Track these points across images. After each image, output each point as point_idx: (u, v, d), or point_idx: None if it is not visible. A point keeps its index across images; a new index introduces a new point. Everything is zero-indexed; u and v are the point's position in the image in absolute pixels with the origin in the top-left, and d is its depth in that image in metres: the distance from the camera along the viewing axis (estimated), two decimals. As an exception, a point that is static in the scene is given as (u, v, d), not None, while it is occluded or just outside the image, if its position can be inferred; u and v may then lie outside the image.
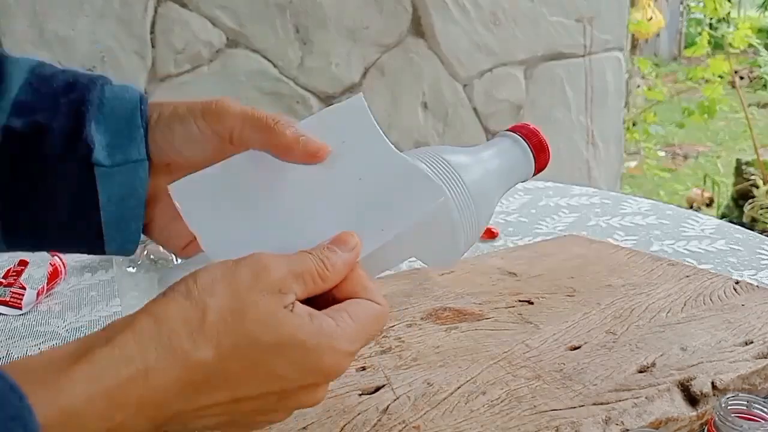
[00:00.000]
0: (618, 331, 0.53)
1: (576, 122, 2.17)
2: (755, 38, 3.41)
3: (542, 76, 2.07)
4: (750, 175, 3.06)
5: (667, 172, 4.06)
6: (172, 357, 0.29)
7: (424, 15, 1.88)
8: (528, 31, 2.00)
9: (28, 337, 0.67)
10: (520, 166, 0.46)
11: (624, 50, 2.21)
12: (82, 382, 0.28)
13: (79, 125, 0.38)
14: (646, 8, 3.64)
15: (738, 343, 0.51)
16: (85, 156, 0.38)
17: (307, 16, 1.75)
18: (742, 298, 0.59)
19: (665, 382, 0.46)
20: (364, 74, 1.85)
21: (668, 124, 4.38)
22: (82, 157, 0.38)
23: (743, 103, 3.26)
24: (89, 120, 0.38)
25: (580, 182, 2.16)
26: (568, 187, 1.09)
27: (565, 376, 0.47)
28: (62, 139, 0.38)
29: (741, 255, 0.77)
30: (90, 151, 0.38)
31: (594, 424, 0.42)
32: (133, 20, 1.62)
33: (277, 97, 1.77)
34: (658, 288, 0.62)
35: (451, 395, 0.45)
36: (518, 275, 0.67)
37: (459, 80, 1.96)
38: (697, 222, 0.89)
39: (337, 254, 0.34)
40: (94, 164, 0.38)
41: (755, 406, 0.39)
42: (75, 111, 0.38)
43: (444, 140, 1.98)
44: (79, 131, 0.38)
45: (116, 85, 0.41)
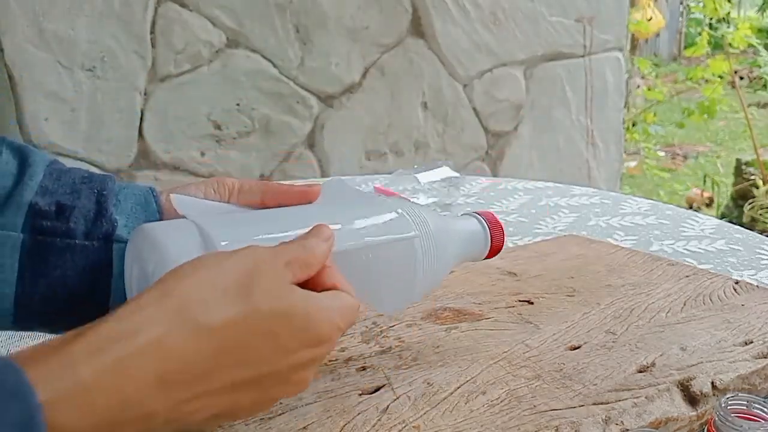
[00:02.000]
0: (618, 331, 0.53)
1: (576, 122, 2.17)
2: (755, 38, 3.41)
3: (542, 76, 2.07)
4: (750, 175, 3.06)
5: (667, 172, 4.06)
6: (183, 326, 0.30)
7: (424, 15, 1.88)
8: (528, 31, 2.01)
9: (28, 337, 0.67)
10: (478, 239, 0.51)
11: (624, 50, 2.21)
12: (85, 354, 0.27)
13: (103, 206, 0.42)
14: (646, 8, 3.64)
15: (738, 343, 0.51)
16: (108, 233, 0.41)
17: (307, 16, 1.75)
18: (741, 298, 0.59)
19: (665, 381, 0.46)
20: (364, 74, 1.85)
21: (668, 124, 4.38)
22: (105, 234, 0.41)
23: (743, 103, 3.26)
24: (110, 203, 0.42)
25: (579, 182, 2.16)
26: (567, 187, 1.09)
27: (564, 375, 0.47)
28: (87, 218, 0.41)
29: (741, 255, 0.77)
30: (114, 228, 0.41)
31: (594, 424, 0.42)
32: (133, 20, 1.62)
33: (277, 97, 1.77)
34: (657, 288, 0.62)
35: (451, 395, 0.45)
36: (518, 275, 0.67)
37: (459, 80, 1.96)
38: (696, 222, 0.89)
39: (317, 242, 0.37)
40: (114, 241, 0.41)
41: (755, 406, 0.39)
42: (97, 194, 0.42)
43: (444, 140, 1.98)
44: (103, 211, 0.42)
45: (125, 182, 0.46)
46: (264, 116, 1.77)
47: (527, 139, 2.10)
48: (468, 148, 2.02)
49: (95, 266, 0.41)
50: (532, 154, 2.12)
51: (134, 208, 0.43)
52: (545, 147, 2.14)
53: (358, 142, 1.89)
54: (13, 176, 0.41)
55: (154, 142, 1.70)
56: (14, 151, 0.42)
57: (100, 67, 1.62)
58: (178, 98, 1.70)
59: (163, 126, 1.71)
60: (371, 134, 1.90)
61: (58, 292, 0.40)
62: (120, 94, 1.64)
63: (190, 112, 1.72)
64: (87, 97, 1.60)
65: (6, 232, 0.39)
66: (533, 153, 2.12)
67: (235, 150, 1.75)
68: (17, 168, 0.41)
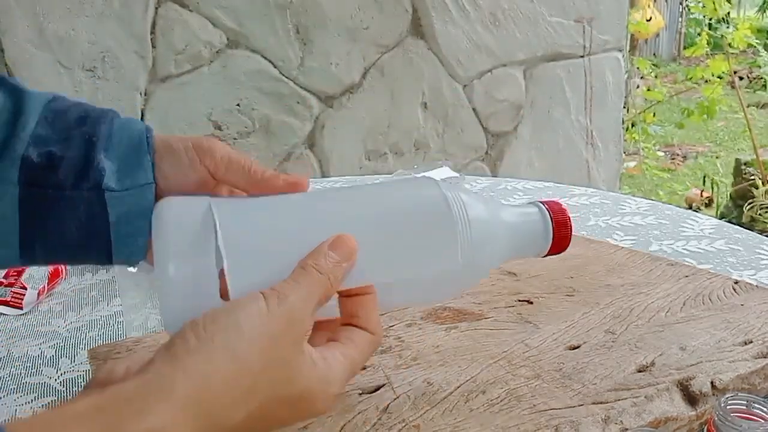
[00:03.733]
0: (617, 331, 0.54)
1: (575, 122, 2.17)
2: (755, 38, 3.41)
3: (542, 76, 2.07)
4: (749, 176, 3.06)
5: (666, 172, 4.06)
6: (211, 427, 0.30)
7: (423, 15, 1.88)
8: (527, 32, 2.01)
9: (28, 337, 0.67)
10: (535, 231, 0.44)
11: (623, 51, 2.21)
12: None
13: (91, 155, 0.42)
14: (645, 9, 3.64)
15: (737, 342, 0.51)
16: (97, 183, 0.41)
17: (308, 16, 1.75)
18: (741, 297, 0.59)
19: (664, 381, 0.46)
20: (364, 74, 1.85)
21: (667, 125, 4.38)
22: (94, 184, 0.41)
23: (742, 103, 3.26)
24: (99, 150, 0.42)
25: (579, 182, 2.16)
26: (567, 187, 1.09)
27: (564, 375, 0.47)
28: (75, 169, 0.41)
29: (740, 255, 0.77)
30: (102, 177, 0.41)
31: (593, 424, 0.42)
32: (134, 20, 1.62)
33: (278, 97, 1.77)
34: (657, 288, 0.62)
35: (451, 394, 0.45)
36: (517, 275, 0.67)
37: (459, 80, 1.96)
38: (696, 222, 0.89)
39: (340, 266, 0.36)
40: (104, 189, 0.41)
41: (755, 405, 0.39)
42: (87, 142, 0.42)
43: (444, 140, 1.98)
44: (91, 160, 0.41)
45: (124, 118, 0.45)
46: (264, 116, 1.77)
47: (527, 140, 2.10)
48: (468, 148, 2.02)
49: (90, 214, 0.42)
50: (531, 154, 2.12)
51: (126, 153, 0.43)
52: (545, 147, 2.14)
53: (358, 142, 1.89)
54: (7, 125, 0.41)
55: (154, 143, 1.70)
56: (9, 93, 0.42)
57: (101, 67, 1.62)
58: (178, 98, 1.70)
59: (163, 126, 1.71)
60: (371, 134, 1.90)
61: (58, 239, 0.42)
62: (120, 94, 1.65)
63: (190, 113, 1.72)
64: (87, 97, 1.60)
65: (4, 186, 0.40)
66: (533, 153, 2.12)
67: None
68: (11, 115, 0.41)
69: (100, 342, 0.65)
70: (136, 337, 0.58)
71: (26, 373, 0.60)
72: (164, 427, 0.28)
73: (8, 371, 0.61)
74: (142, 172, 0.42)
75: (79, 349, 0.64)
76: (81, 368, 0.60)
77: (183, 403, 0.29)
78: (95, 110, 0.44)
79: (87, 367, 0.59)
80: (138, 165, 0.42)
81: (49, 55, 1.57)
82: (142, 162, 0.43)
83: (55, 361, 0.62)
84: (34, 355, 0.63)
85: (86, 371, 0.59)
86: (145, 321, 0.64)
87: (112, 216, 0.42)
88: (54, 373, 0.60)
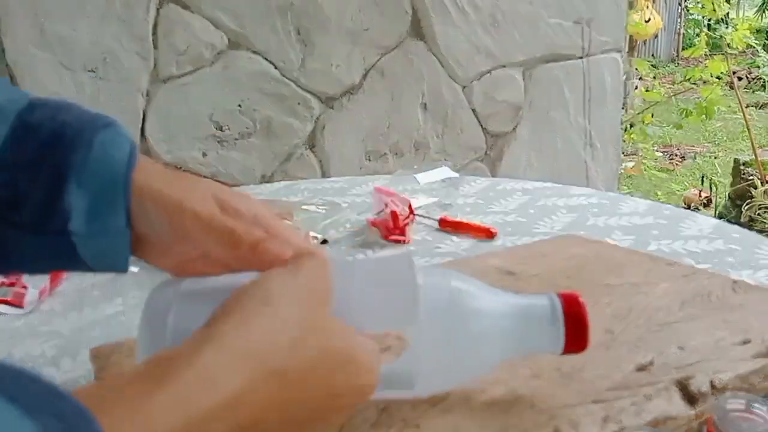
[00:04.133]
0: (616, 330, 0.54)
1: (574, 123, 2.17)
2: (753, 39, 3.42)
3: (541, 77, 2.07)
4: (748, 176, 3.07)
5: (665, 172, 4.06)
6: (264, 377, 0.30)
7: (423, 17, 1.88)
8: (526, 33, 2.01)
9: (30, 337, 0.67)
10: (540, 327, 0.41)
11: (622, 52, 2.22)
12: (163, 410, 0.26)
13: (56, 192, 0.37)
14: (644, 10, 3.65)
15: (736, 342, 0.51)
16: (62, 226, 0.37)
17: (308, 18, 1.76)
18: (740, 297, 0.59)
19: (663, 380, 0.46)
20: (365, 76, 1.86)
21: (666, 125, 4.39)
22: (59, 228, 0.37)
23: (741, 103, 3.27)
24: (70, 182, 0.37)
25: (578, 183, 2.16)
26: (566, 187, 1.09)
27: (563, 374, 0.47)
28: (38, 209, 0.37)
29: (739, 254, 0.78)
30: (67, 220, 0.37)
31: (592, 423, 0.42)
32: (135, 21, 1.62)
33: (279, 98, 1.78)
34: (656, 287, 0.62)
35: (451, 394, 0.46)
36: (517, 275, 0.67)
37: (458, 82, 1.97)
38: (694, 222, 0.89)
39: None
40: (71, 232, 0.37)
41: (754, 405, 0.39)
42: (55, 175, 0.37)
43: (443, 141, 1.98)
44: (55, 199, 0.37)
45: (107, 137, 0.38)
46: (265, 117, 1.78)
47: (526, 140, 2.11)
48: (467, 148, 2.02)
49: (57, 253, 0.38)
50: (530, 154, 2.13)
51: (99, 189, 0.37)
52: (544, 148, 2.14)
53: (358, 142, 1.89)
54: None
55: (156, 143, 1.71)
56: None
57: (102, 68, 1.62)
58: (180, 99, 1.70)
59: (165, 127, 1.71)
60: (371, 135, 1.90)
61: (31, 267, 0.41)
62: (122, 95, 1.65)
63: (191, 113, 1.72)
64: (89, 98, 1.60)
65: None
66: (532, 154, 2.13)
67: (237, 151, 1.76)
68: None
69: (101, 341, 0.65)
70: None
71: (28, 372, 0.60)
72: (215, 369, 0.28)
73: (10, 371, 0.61)
74: (113, 216, 0.37)
75: (80, 348, 0.64)
76: (83, 368, 0.60)
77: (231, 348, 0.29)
78: (73, 126, 0.38)
79: (89, 367, 0.60)
80: (110, 208, 0.37)
81: (51, 56, 1.57)
82: (115, 204, 0.37)
83: (56, 361, 0.62)
84: (36, 354, 0.63)
85: (88, 371, 0.59)
86: (147, 321, 0.64)
87: (83, 256, 0.38)
88: (55, 372, 0.60)
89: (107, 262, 0.39)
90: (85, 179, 0.37)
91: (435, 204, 1.01)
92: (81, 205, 0.37)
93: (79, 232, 0.37)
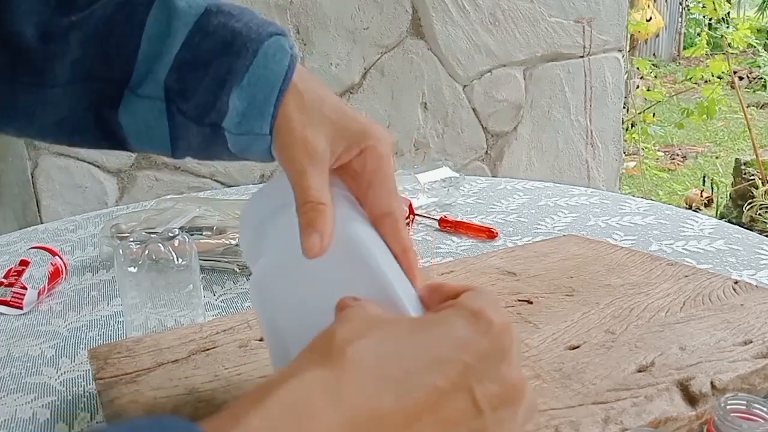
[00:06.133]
0: (617, 331, 0.54)
1: (575, 123, 2.17)
2: (754, 38, 3.42)
3: (541, 76, 2.07)
4: (749, 176, 3.06)
5: (666, 172, 4.06)
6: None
7: (423, 16, 1.88)
8: (527, 32, 2.01)
9: (29, 337, 0.67)
10: None
11: (623, 51, 2.21)
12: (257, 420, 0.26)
13: (219, 92, 0.43)
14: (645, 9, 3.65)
15: (737, 342, 0.51)
16: (217, 121, 0.43)
17: (308, 16, 1.75)
18: (741, 297, 0.59)
19: (664, 381, 0.46)
20: (364, 75, 1.85)
21: (667, 125, 4.39)
22: (214, 121, 0.43)
23: (742, 103, 3.27)
24: (232, 86, 0.43)
25: (579, 182, 2.16)
26: (567, 187, 1.09)
27: (564, 375, 0.47)
28: (201, 104, 0.43)
29: (740, 255, 0.77)
30: (222, 118, 0.43)
31: (593, 424, 0.42)
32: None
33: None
34: (657, 288, 0.62)
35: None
36: (517, 275, 0.67)
37: (459, 81, 1.96)
38: (696, 222, 0.89)
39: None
40: (223, 128, 0.44)
41: (754, 405, 0.39)
42: (220, 78, 0.43)
43: (444, 140, 1.98)
44: (217, 99, 0.43)
45: (272, 47, 0.43)
46: (264, 116, 1.77)
47: (527, 140, 2.10)
48: (468, 148, 2.02)
49: (211, 142, 0.45)
50: (531, 154, 2.12)
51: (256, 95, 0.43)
52: (544, 147, 2.14)
53: (357, 142, 1.89)
54: (158, 40, 0.43)
55: (154, 143, 1.70)
56: (163, 10, 0.43)
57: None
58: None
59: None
60: (371, 134, 1.90)
61: (195, 150, 0.46)
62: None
63: (190, 113, 1.72)
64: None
65: (153, 101, 0.43)
66: (532, 153, 2.13)
67: (235, 150, 1.76)
68: (162, 31, 0.43)
69: (100, 342, 0.65)
70: (137, 337, 0.58)
71: (26, 373, 0.60)
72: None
73: (8, 371, 0.61)
74: (261, 122, 0.43)
75: (79, 349, 0.64)
76: (81, 368, 0.60)
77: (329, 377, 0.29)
78: (242, 34, 0.43)
79: (87, 367, 0.59)
80: (260, 114, 0.43)
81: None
82: (264, 112, 0.43)
83: (55, 361, 0.62)
84: (35, 354, 0.63)
85: (86, 371, 0.59)
86: (146, 321, 0.64)
87: (232, 148, 0.45)
88: (54, 373, 0.60)
89: (251, 155, 0.46)
90: (245, 86, 0.43)
91: (435, 204, 1.00)
92: (237, 108, 0.43)
93: (231, 129, 0.44)
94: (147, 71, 0.43)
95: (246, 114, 0.43)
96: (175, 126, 0.44)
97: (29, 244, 0.89)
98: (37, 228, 1.03)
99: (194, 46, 0.43)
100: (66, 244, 0.93)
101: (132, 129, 0.45)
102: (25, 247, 0.89)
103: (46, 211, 1.57)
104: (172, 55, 0.43)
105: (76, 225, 1.02)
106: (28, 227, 1.05)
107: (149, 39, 0.43)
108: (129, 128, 0.45)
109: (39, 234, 0.99)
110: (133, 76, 0.43)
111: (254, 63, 0.43)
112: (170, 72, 0.43)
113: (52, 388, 0.57)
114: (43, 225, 1.04)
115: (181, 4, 0.43)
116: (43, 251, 0.82)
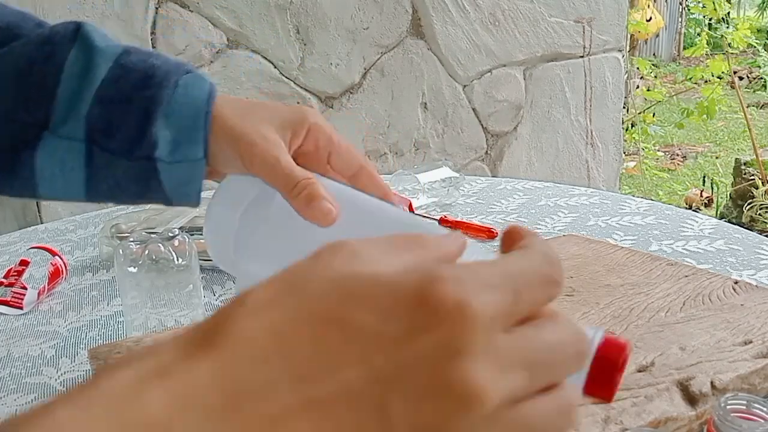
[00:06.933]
0: (617, 331, 0.54)
1: (575, 123, 2.17)
2: (754, 38, 3.42)
3: (541, 76, 2.07)
4: (749, 176, 3.06)
5: (666, 172, 4.06)
6: None
7: (423, 16, 1.88)
8: (527, 32, 2.01)
9: (29, 337, 0.67)
10: None
11: (623, 51, 2.21)
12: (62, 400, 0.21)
13: (146, 124, 0.43)
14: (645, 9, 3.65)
15: (737, 342, 0.51)
16: (149, 153, 0.43)
17: (308, 16, 1.75)
18: (741, 297, 0.59)
19: (664, 381, 0.46)
20: (364, 75, 1.85)
21: (667, 125, 4.39)
22: (146, 154, 0.43)
23: (742, 103, 3.27)
24: (158, 116, 0.43)
25: (579, 182, 2.16)
26: (567, 187, 1.09)
27: (564, 375, 0.47)
28: (129, 138, 0.43)
29: (740, 255, 0.77)
30: (154, 148, 0.43)
31: (593, 423, 0.42)
32: (134, 20, 1.62)
33: (278, 97, 1.77)
34: (656, 288, 0.62)
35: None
36: (518, 275, 0.67)
37: (459, 81, 1.96)
38: (696, 222, 0.89)
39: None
40: (156, 159, 0.43)
41: (754, 405, 0.39)
42: (145, 110, 0.43)
43: (444, 140, 1.98)
44: (145, 130, 0.43)
45: (191, 78, 0.44)
46: (264, 116, 1.77)
47: (527, 140, 2.10)
48: (467, 148, 2.02)
49: (144, 178, 0.44)
50: (531, 154, 2.12)
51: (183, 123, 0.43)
52: (544, 147, 2.14)
53: (358, 142, 1.89)
54: (78, 78, 0.43)
55: (154, 143, 1.71)
56: (82, 48, 0.44)
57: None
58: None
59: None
60: (371, 134, 1.90)
61: (118, 191, 0.45)
62: (120, 94, 1.65)
63: (190, 113, 1.72)
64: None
65: (72, 142, 0.43)
66: (532, 153, 2.13)
67: (235, 150, 1.76)
68: (82, 69, 0.43)
69: (100, 342, 0.65)
70: (137, 337, 0.58)
71: (26, 373, 0.60)
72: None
73: (8, 371, 0.61)
74: (193, 146, 0.43)
75: (79, 348, 0.64)
76: (81, 368, 0.60)
77: None
78: (161, 69, 0.44)
79: (87, 367, 0.59)
80: (191, 139, 0.43)
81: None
82: (195, 137, 0.43)
83: (55, 361, 0.62)
84: (35, 354, 0.63)
85: (86, 371, 0.59)
86: (146, 321, 0.64)
87: (164, 182, 0.44)
88: (54, 372, 0.60)
89: (183, 191, 0.45)
90: (171, 113, 0.43)
91: (435, 204, 1.00)
92: (166, 137, 0.43)
93: (164, 158, 0.43)
94: (68, 110, 0.43)
95: (177, 140, 0.43)
96: (95, 167, 0.44)
97: (29, 244, 0.89)
98: (37, 228, 1.03)
99: (116, 81, 0.43)
100: (66, 244, 0.93)
101: (47, 173, 0.44)
102: (25, 247, 0.89)
103: (46, 211, 1.57)
104: (93, 92, 0.43)
105: (76, 225, 1.02)
106: (28, 227, 1.05)
107: (70, 77, 0.43)
108: (43, 171, 0.44)
109: (39, 234, 0.99)
110: (54, 115, 0.43)
111: (176, 92, 0.44)
112: (92, 108, 0.43)
113: (52, 388, 0.57)
114: (43, 225, 1.05)
115: (100, 44, 0.44)
116: (43, 251, 0.82)
